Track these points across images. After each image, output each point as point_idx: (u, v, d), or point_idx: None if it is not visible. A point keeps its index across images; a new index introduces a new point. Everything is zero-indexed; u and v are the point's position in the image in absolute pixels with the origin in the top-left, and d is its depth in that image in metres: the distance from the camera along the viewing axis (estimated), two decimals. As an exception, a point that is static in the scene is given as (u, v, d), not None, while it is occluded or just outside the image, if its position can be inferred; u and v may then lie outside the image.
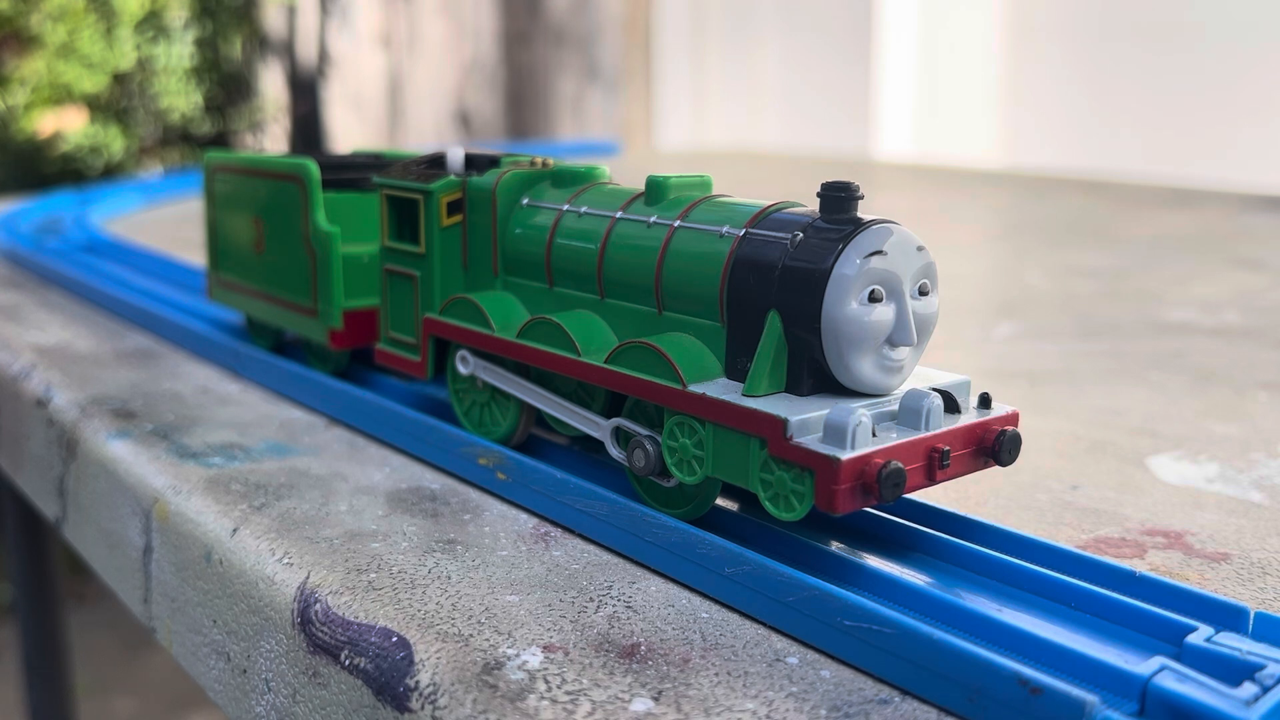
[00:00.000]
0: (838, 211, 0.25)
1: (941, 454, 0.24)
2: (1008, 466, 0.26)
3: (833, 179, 0.26)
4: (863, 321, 0.24)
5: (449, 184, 0.33)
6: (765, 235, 0.26)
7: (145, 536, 0.33)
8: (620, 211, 0.30)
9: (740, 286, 0.26)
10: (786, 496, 0.24)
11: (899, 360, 0.25)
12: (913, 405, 0.25)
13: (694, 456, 0.26)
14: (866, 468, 0.23)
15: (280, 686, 0.27)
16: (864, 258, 0.24)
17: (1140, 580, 0.24)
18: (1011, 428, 0.26)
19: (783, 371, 0.25)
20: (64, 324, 0.53)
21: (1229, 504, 0.32)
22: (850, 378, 0.25)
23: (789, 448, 0.23)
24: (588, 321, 0.30)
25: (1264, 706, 0.19)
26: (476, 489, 0.32)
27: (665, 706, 0.21)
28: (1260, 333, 0.52)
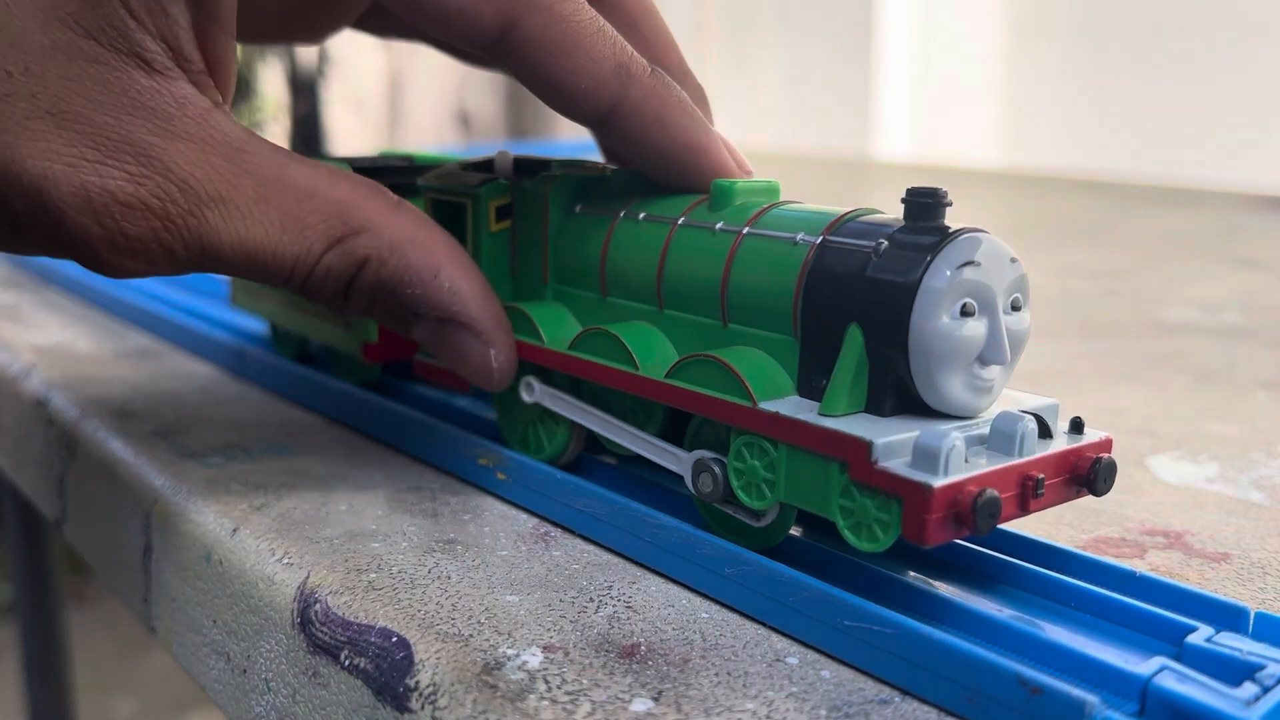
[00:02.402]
0: (924, 219, 0.24)
1: (1036, 482, 0.22)
2: (1102, 496, 0.24)
3: (918, 184, 0.24)
4: (954, 337, 0.23)
5: (498, 188, 0.32)
6: (845, 243, 0.24)
7: (145, 536, 0.33)
8: (682, 217, 0.28)
9: (817, 297, 0.24)
10: (869, 525, 0.22)
11: (990, 380, 0.24)
12: (1006, 429, 0.23)
13: (764, 480, 0.24)
14: (960, 496, 0.21)
15: (280, 686, 0.27)
16: (955, 269, 0.23)
17: (1140, 580, 0.24)
18: (1106, 455, 0.24)
19: (863, 390, 0.24)
20: (64, 324, 0.53)
21: (1229, 504, 0.32)
22: (938, 398, 0.23)
23: (874, 472, 0.22)
24: (645, 334, 0.28)
25: (1264, 706, 0.19)
26: (476, 489, 0.32)
27: (665, 706, 0.21)
28: (1260, 333, 0.52)
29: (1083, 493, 0.24)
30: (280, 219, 0.27)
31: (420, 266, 0.29)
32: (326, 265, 0.28)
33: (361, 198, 0.28)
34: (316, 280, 0.28)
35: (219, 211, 0.27)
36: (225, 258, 0.27)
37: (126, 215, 0.26)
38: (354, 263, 0.28)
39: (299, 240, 0.28)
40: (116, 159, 0.26)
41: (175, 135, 0.26)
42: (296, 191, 0.27)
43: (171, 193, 0.26)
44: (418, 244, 0.29)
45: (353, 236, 0.28)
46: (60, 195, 0.25)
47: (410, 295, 0.29)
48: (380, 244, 0.28)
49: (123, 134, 0.26)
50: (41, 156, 0.25)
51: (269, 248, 0.27)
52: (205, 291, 0.56)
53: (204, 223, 0.26)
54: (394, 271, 0.28)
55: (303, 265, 0.28)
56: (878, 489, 0.22)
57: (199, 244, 0.27)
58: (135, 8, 0.26)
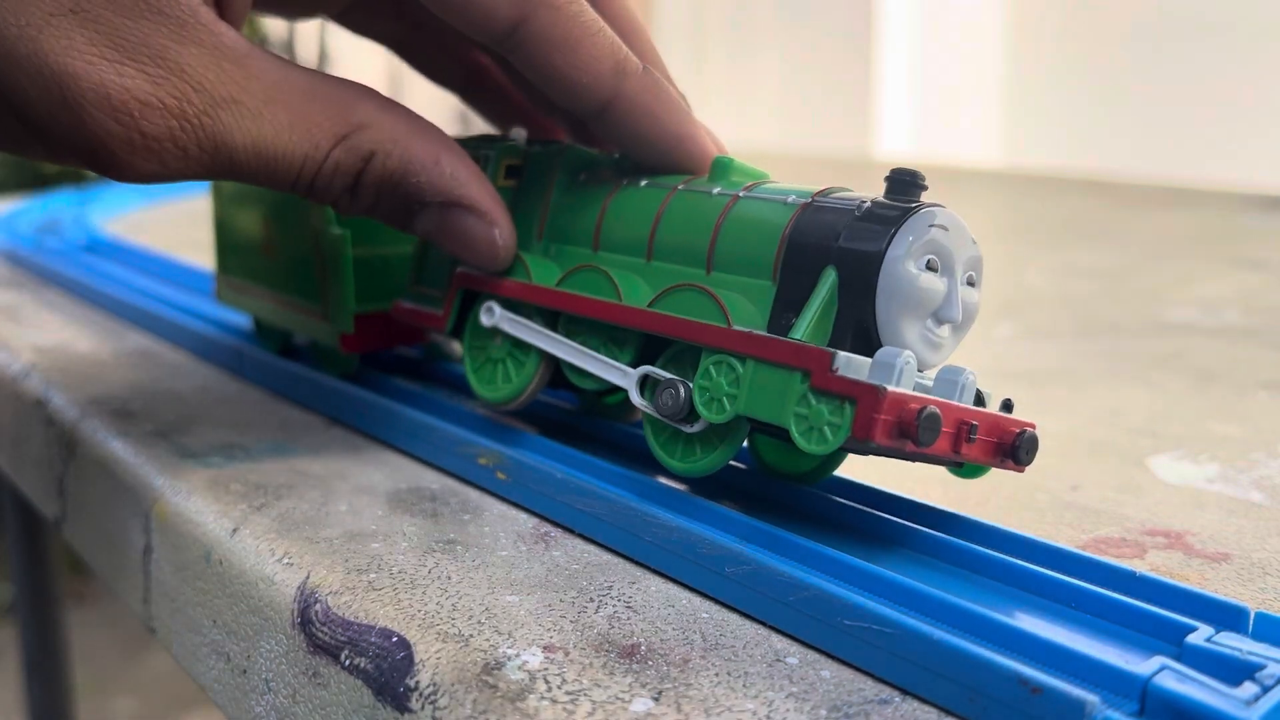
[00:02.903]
0: (903, 194, 0.26)
1: (970, 428, 0.24)
2: (1024, 468, 0.26)
3: (899, 165, 0.26)
4: (916, 285, 0.25)
5: (512, 148, 0.34)
6: (832, 202, 0.27)
7: (145, 536, 0.33)
8: (683, 185, 0.30)
9: (800, 245, 0.27)
10: (821, 429, 0.24)
11: (941, 337, 0.26)
12: (950, 378, 0.25)
13: (726, 394, 0.26)
14: (909, 405, 0.23)
15: (280, 686, 0.27)
16: (926, 227, 0.25)
17: (1140, 580, 0.24)
18: (1031, 430, 0.26)
19: (828, 328, 0.26)
20: (64, 324, 0.53)
21: (1229, 504, 0.32)
22: (895, 342, 0.25)
23: (834, 379, 0.24)
24: (630, 275, 0.30)
25: (1264, 706, 0.19)
26: (476, 489, 0.32)
27: (665, 706, 0.21)
28: (1260, 333, 0.52)
29: (1007, 463, 0.26)
30: (289, 118, 0.29)
31: (422, 155, 0.30)
32: (335, 160, 0.29)
33: (359, 95, 0.30)
34: (325, 176, 0.30)
35: (232, 112, 0.28)
36: (238, 158, 0.28)
37: (145, 113, 0.27)
38: (361, 157, 0.30)
39: (307, 138, 0.29)
40: (135, 60, 0.27)
41: (188, 40, 0.27)
42: (302, 92, 0.29)
43: (187, 93, 0.27)
44: (417, 134, 0.30)
45: (358, 132, 0.30)
46: (81, 91, 0.26)
47: (415, 184, 0.30)
48: (384, 137, 0.30)
49: (140, 36, 0.27)
50: (65, 53, 0.26)
51: (280, 146, 0.29)
52: (205, 291, 0.56)
53: (218, 122, 0.28)
54: (399, 162, 0.30)
55: (311, 162, 0.29)
56: (834, 393, 0.24)
57: (213, 143, 0.28)
58: None
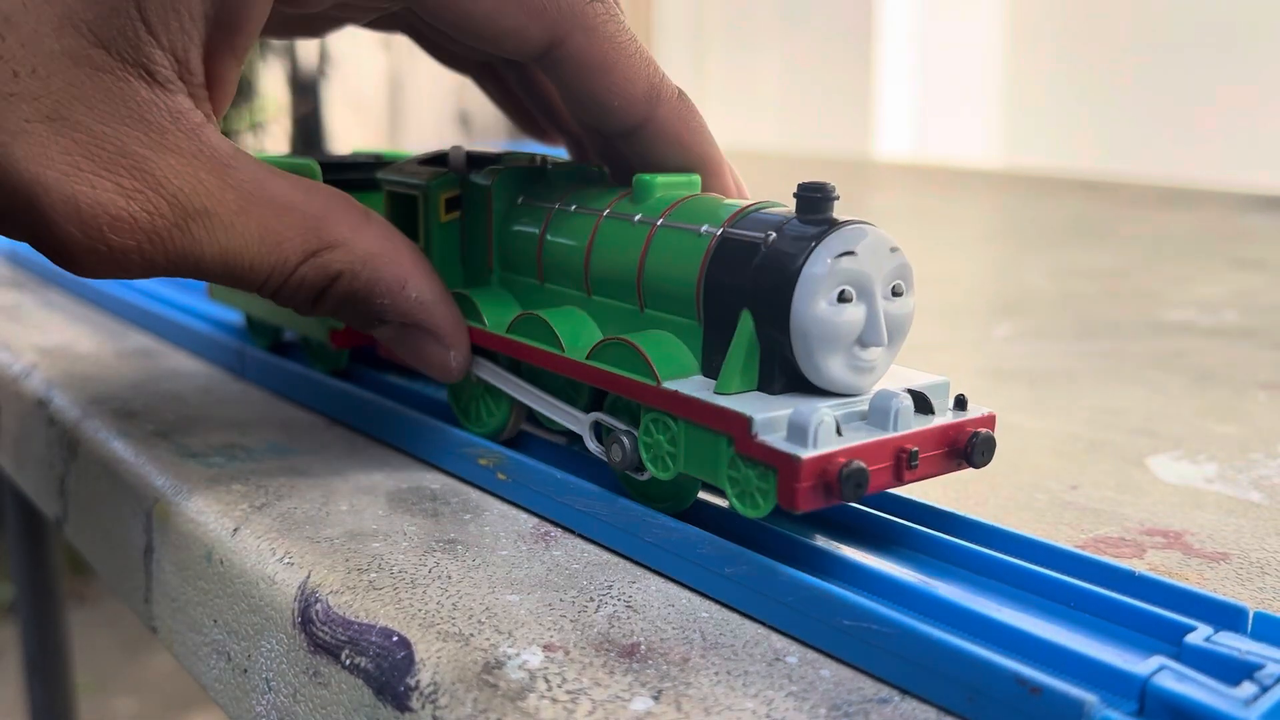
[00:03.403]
0: (813, 212, 0.25)
1: (910, 454, 0.24)
2: (980, 469, 0.26)
3: (810, 179, 0.26)
4: (832, 322, 0.25)
5: (447, 181, 0.34)
6: (741, 235, 0.26)
7: (146, 536, 0.33)
8: (607, 210, 0.30)
9: (715, 286, 0.26)
10: (752, 494, 0.24)
11: (870, 361, 0.26)
12: (881, 405, 0.25)
13: (667, 453, 0.26)
14: (828, 466, 0.23)
15: (281, 686, 0.27)
16: (834, 258, 0.24)
17: (1139, 580, 0.24)
18: (986, 430, 0.26)
19: (755, 370, 0.26)
20: (65, 324, 0.53)
21: (1228, 504, 0.32)
22: (820, 377, 0.25)
23: (754, 445, 0.24)
24: (575, 318, 0.30)
25: (1263, 706, 0.19)
26: (477, 489, 0.32)
27: (665, 706, 0.21)
28: (1260, 333, 0.53)
29: (963, 465, 0.26)
30: (259, 231, 0.28)
31: (390, 279, 0.30)
32: (301, 276, 0.29)
33: (335, 210, 0.30)
34: (289, 289, 0.30)
35: (203, 224, 0.28)
36: (205, 267, 0.28)
37: (115, 227, 0.26)
38: (327, 276, 0.30)
39: (276, 252, 0.29)
40: (110, 171, 0.26)
41: (167, 149, 0.27)
42: (275, 205, 0.29)
43: (161, 207, 0.27)
44: (387, 257, 0.30)
45: (327, 250, 0.29)
46: (51, 202, 0.26)
47: (380, 305, 0.30)
48: (353, 258, 0.30)
49: (118, 144, 0.26)
50: (37, 161, 0.26)
51: (247, 258, 0.28)
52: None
53: (187, 235, 0.27)
54: (365, 284, 0.30)
55: (278, 275, 0.29)
56: (757, 460, 0.24)
57: (180, 255, 0.28)
58: (154, 23, 0.26)
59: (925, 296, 0.61)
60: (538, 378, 0.32)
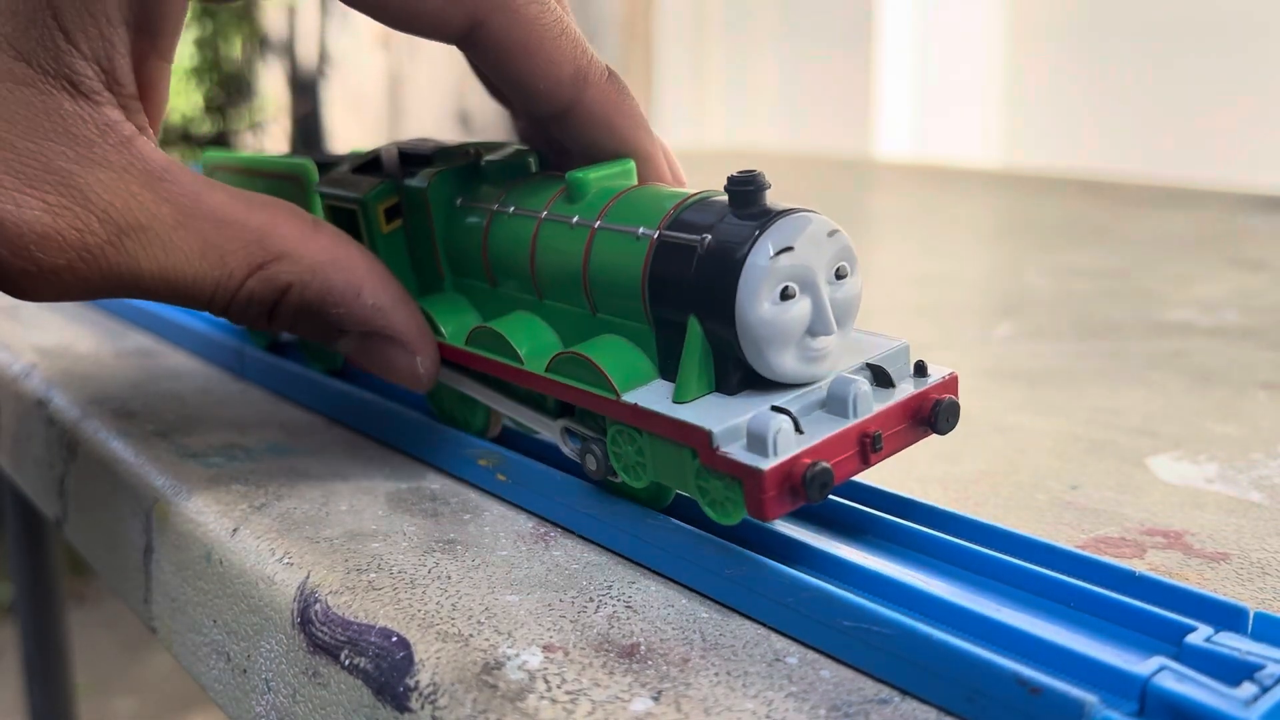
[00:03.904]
0: (746, 205, 0.25)
1: (873, 438, 0.24)
2: (946, 434, 0.26)
3: (739, 171, 0.25)
4: (778, 321, 0.24)
5: (384, 190, 0.32)
6: (677, 238, 0.26)
7: (146, 536, 0.33)
8: (545, 211, 0.29)
9: (659, 293, 0.26)
10: (722, 503, 0.24)
11: (822, 349, 0.25)
12: (839, 393, 0.24)
13: (637, 463, 0.26)
14: (792, 471, 0.23)
15: (280, 686, 0.27)
16: (771, 257, 0.24)
17: (1139, 580, 0.24)
18: (949, 396, 0.26)
19: (710, 372, 0.25)
20: (64, 324, 0.53)
21: (1229, 504, 0.32)
22: (775, 372, 0.25)
23: (717, 458, 0.23)
24: (530, 326, 0.30)
25: (1263, 706, 0.19)
26: (476, 489, 0.32)
27: (665, 706, 0.21)
28: (1260, 333, 0.53)
29: (928, 433, 0.26)
30: (200, 246, 0.27)
31: (343, 287, 0.29)
32: (249, 291, 0.28)
33: (280, 221, 0.29)
34: (239, 305, 0.29)
35: (137, 240, 0.27)
36: (144, 284, 0.27)
37: (42, 246, 0.26)
38: (276, 289, 0.29)
39: (219, 267, 0.28)
40: (35, 188, 0.25)
41: (95, 163, 0.26)
42: (215, 219, 0.28)
43: (90, 223, 0.26)
44: (339, 265, 0.29)
45: (274, 262, 0.28)
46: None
47: (336, 314, 0.29)
48: (301, 268, 0.29)
49: (44, 160, 0.26)
50: None
51: (189, 274, 0.28)
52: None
53: (122, 251, 0.26)
54: (317, 294, 0.29)
55: (224, 291, 0.28)
56: (723, 472, 0.24)
57: (116, 273, 0.27)
58: (72, 31, 0.25)
59: (925, 296, 0.61)
60: (505, 384, 0.31)
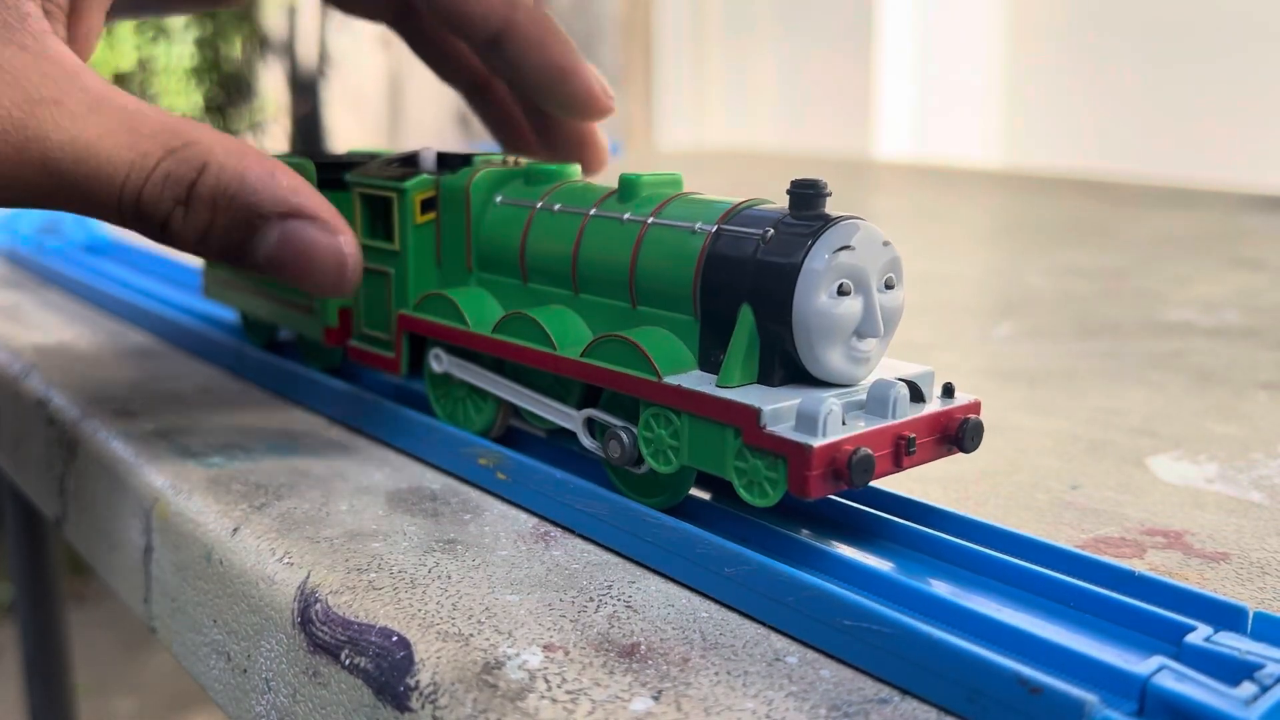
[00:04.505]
0: (806, 208, 0.26)
1: (908, 441, 0.25)
2: (970, 453, 0.27)
3: (802, 176, 0.26)
4: (832, 314, 0.25)
5: (422, 182, 0.34)
6: (737, 231, 0.27)
7: (146, 536, 0.33)
8: (594, 209, 0.30)
9: (713, 281, 0.27)
10: (760, 483, 0.25)
11: (866, 351, 0.26)
12: (880, 394, 0.25)
13: (669, 446, 0.27)
14: (837, 454, 0.24)
15: (280, 686, 0.27)
16: (832, 253, 0.25)
17: (1139, 580, 0.24)
18: (974, 415, 0.27)
19: (755, 363, 0.26)
20: (64, 324, 0.53)
21: (1229, 504, 0.32)
22: (820, 368, 0.26)
23: (763, 436, 0.24)
24: (563, 317, 0.30)
25: (1263, 706, 0.19)
26: (476, 489, 0.32)
27: (665, 706, 0.21)
28: (1260, 333, 0.53)
29: (954, 450, 0.26)
30: (114, 126, 0.27)
31: (258, 169, 0.29)
32: (165, 171, 0.28)
33: (191, 121, 0.29)
34: (154, 187, 0.28)
35: (51, 111, 0.27)
36: (53, 158, 0.27)
37: None
38: (193, 168, 0.28)
39: (133, 148, 0.28)
40: None
41: (11, 42, 0.27)
42: (129, 110, 0.28)
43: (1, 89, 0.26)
44: (250, 152, 0.29)
45: (189, 146, 0.28)
46: None
47: (254, 196, 0.29)
48: (217, 151, 0.29)
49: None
50: None
51: (102, 153, 0.27)
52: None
53: (31, 118, 0.26)
54: (234, 174, 0.29)
55: (138, 172, 0.28)
56: (766, 450, 0.24)
57: (23, 139, 0.26)
58: None
59: (925, 296, 0.61)
60: (522, 376, 0.32)
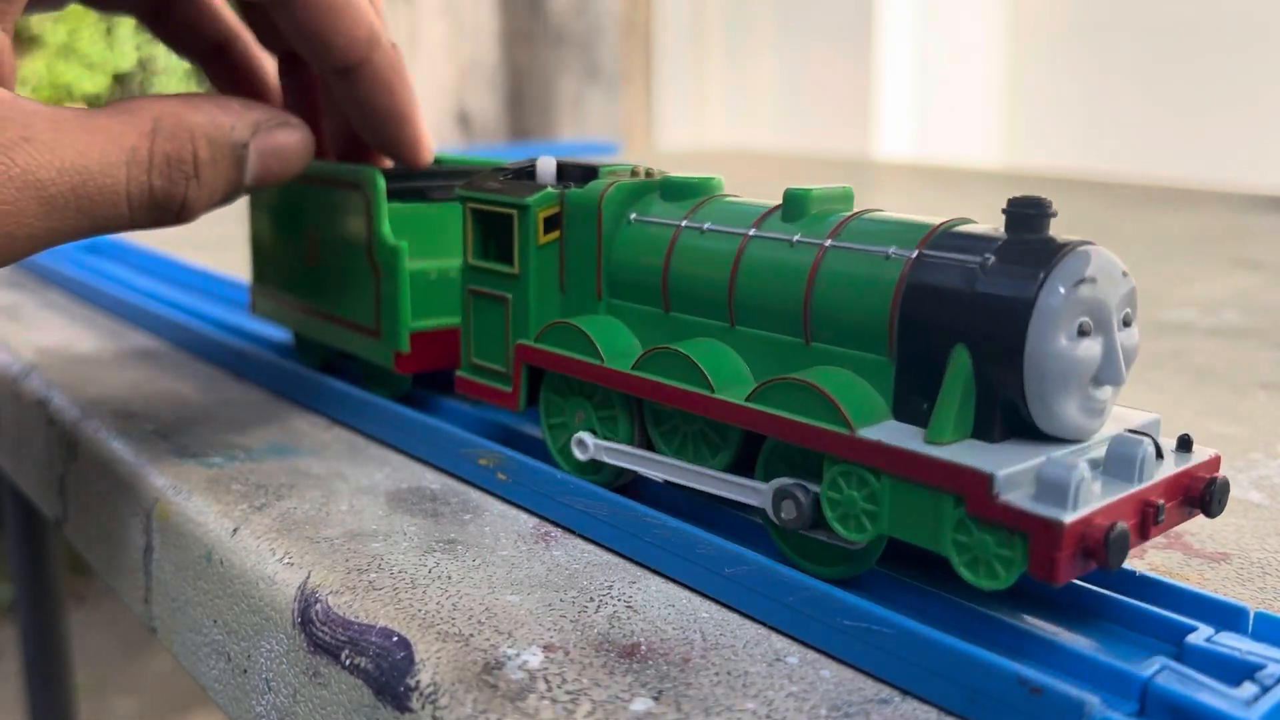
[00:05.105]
0: (1028, 231, 0.23)
1: (1156, 509, 0.21)
2: (1215, 518, 0.24)
3: (1021, 194, 0.23)
4: (1071, 358, 0.22)
5: (547, 197, 0.30)
6: (946, 258, 0.23)
7: (146, 536, 0.33)
8: (754, 229, 0.26)
9: (917, 315, 0.23)
10: (989, 562, 0.21)
11: (1103, 401, 0.23)
12: (1125, 454, 0.22)
13: (864, 511, 0.23)
14: (1090, 530, 0.20)
15: (280, 686, 0.27)
16: (1072, 286, 0.21)
17: (1140, 580, 0.24)
18: (1219, 475, 0.23)
19: (970, 415, 0.22)
20: (64, 324, 0.53)
21: (1229, 504, 0.32)
22: (1051, 422, 0.22)
23: (995, 507, 0.20)
24: (718, 353, 0.26)
25: (1264, 706, 0.19)
26: (476, 489, 0.32)
27: (665, 706, 0.21)
28: (1260, 333, 0.52)
29: (1195, 513, 0.23)
30: (86, 139, 0.28)
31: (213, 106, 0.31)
32: (163, 154, 0.29)
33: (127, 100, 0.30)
34: (160, 177, 0.29)
35: (25, 151, 0.27)
36: (49, 193, 0.27)
37: None
38: (183, 140, 0.29)
39: (117, 148, 0.28)
40: None
41: None
42: (82, 118, 0.29)
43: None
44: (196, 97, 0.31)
45: (158, 121, 0.29)
46: None
47: (233, 134, 0.31)
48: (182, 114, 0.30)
49: None
50: None
51: (94, 166, 0.28)
52: (206, 291, 0.56)
53: (12, 165, 0.27)
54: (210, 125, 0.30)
55: (137, 169, 0.29)
56: (999, 524, 0.21)
57: (15, 187, 0.27)
58: None
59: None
60: (661, 421, 0.28)
